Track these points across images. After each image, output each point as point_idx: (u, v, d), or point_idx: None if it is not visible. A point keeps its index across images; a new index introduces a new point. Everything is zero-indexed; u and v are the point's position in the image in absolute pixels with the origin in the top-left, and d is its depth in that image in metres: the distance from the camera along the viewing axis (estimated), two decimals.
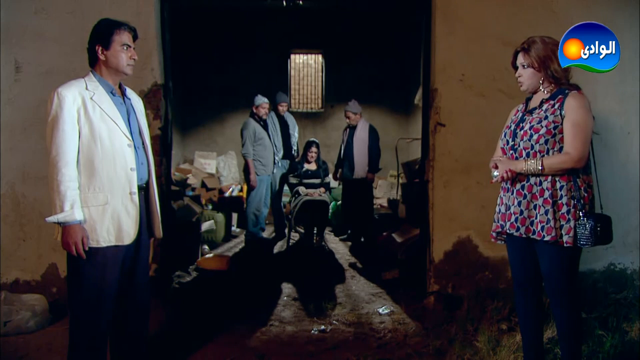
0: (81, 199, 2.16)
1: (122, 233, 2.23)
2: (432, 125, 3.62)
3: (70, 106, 2.17)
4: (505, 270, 3.53)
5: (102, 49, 2.28)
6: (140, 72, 3.49)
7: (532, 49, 2.23)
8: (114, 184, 2.22)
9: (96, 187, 2.19)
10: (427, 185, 3.69)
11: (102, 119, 2.21)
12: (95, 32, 2.31)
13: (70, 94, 2.18)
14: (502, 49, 3.31)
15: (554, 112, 2.19)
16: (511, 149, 2.31)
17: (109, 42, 2.27)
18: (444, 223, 3.61)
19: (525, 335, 2.43)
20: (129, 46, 2.32)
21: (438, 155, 3.60)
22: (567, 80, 2.24)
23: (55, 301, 3.45)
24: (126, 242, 2.25)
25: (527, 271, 2.35)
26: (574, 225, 2.12)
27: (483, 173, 3.32)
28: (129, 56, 2.32)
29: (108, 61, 2.29)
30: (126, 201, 2.25)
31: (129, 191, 2.26)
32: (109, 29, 2.29)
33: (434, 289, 3.64)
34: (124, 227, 2.24)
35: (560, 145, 2.18)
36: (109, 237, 2.20)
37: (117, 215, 2.22)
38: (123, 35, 2.30)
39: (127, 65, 2.32)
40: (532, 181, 2.21)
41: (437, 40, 3.57)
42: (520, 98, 2.49)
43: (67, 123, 2.17)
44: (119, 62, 2.29)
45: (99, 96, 2.24)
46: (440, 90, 3.58)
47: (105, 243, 2.20)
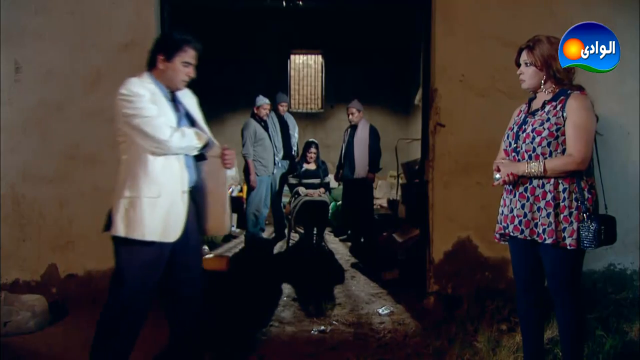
0: (136, 188, 2.17)
1: (168, 230, 2.23)
2: (432, 125, 3.61)
3: (144, 93, 2.19)
4: (505, 270, 3.52)
5: (163, 59, 2.28)
6: (140, 72, 3.47)
7: (536, 48, 2.20)
8: (169, 180, 2.23)
9: (152, 180, 2.19)
10: (427, 185, 3.68)
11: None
12: (163, 41, 2.33)
13: (140, 86, 2.20)
14: (502, 49, 3.30)
15: (556, 113, 2.16)
16: (513, 151, 2.29)
17: (172, 55, 2.28)
18: (443, 223, 3.61)
19: (525, 335, 2.41)
20: (190, 64, 2.32)
21: (438, 156, 3.59)
22: (570, 81, 2.22)
23: (55, 301, 3.44)
24: (170, 239, 2.24)
25: (530, 272, 2.33)
26: (576, 227, 2.10)
27: (483, 173, 3.30)
28: (186, 73, 2.32)
29: (165, 72, 2.29)
30: (177, 199, 2.25)
31: (180, 189, 2.27)
32: (177, 44, 2.28)
33: (433, 289, 3.63)
34: (170, 224, 2.23)
35: (563, 147, 2.15)
36: (154, 232, 2.19)
37: (167, 211, 2.22)
38: (188, 53, 2.30)
39: (182, 81, 2.33)
40: (535, 183, 2.19)
41: (437, 40, 3.56)
42: (521, 98, 2.47)
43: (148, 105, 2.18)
44: (174, 77, 2.30)
45: (156, 97, 2.25)
46: (440, 90, 3.57)
47: (150, 237, 2.18)
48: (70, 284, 3.59)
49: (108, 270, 3.55)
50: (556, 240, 2.11)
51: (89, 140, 3.54)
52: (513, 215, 2.28)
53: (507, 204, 2.33)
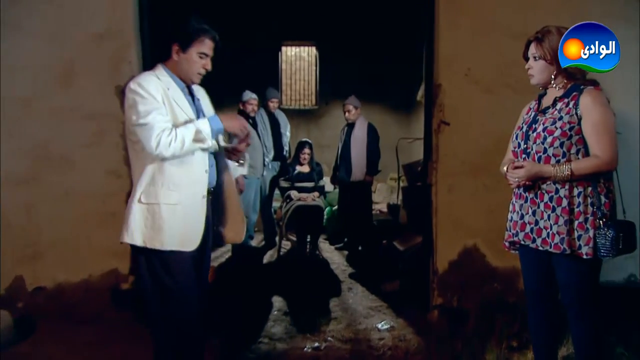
0: (153, 194, 2.19)
1: (188, 238, 2.26)
2: (436, 123, 3.61)
3: (155, 92, 2.18)
4: (516, 281, 3.52)
5: (178, 49, 2.28)
6: (117, 65, 3.48)
7: (545, 40, 2.21)
8: (188, 185, 2.25)
9: (170, 184, 2.21)
10: (430, 189, 3.69)
11: (179, 116, 2.24)
12: (178, 30, 2.30)
13: (152, 83, 2.20)
14: (511, 41, 3.30)
15: (569, 111, 2.17)
16: (523, 152, 2.29)
17: (188, 46, 2.28)
18: (448, 230, 3.61)
19: (537, 352, 2.42)
20: (206, 55, 2.32)
21: (442, 157, 3.60)
22: (582, 75, 2.21)
23: (21, 317, 3.41)
24: (190, 248, 2.26)
25: (542, 284, 2.34)
26: (593, 235, 2.10)
27: (491, 176, 3.31)
28: (202, 65, 2.33)
29: (179, 63, 2.30)
30: (197, 204, 2.28)
31: (201, 194, 2.29)
32: (194, 32, 2.27)
33: (437, 302, 3.63)
34: (190, 231, 2.26)
35: (578, 147, 2.16)
36: (173, 240, 2.21)
37: (187, 218, 2.24)
38: (205, 44, 2.30)
39: (197, 74, 2.34)
40: (547, 188, 2.20)
41: (441, 31, 3.57)
42: (531, 94, 2.48)
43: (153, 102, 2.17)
44: (190, 69, 2.31)
45: (174, 91, 2.26)
46: (444, 86, 3.58)
47: (169, 247, 2.21)
48: (38, 298, 3.56)
49: (81, 282, 3.54)
50: (570, 249, 2.12)
51: (60, 140, 3.53)
52: (524, 222, 2.28)
53: (516, 209, 2.33)
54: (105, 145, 3.52)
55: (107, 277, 3.58)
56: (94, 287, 3.57)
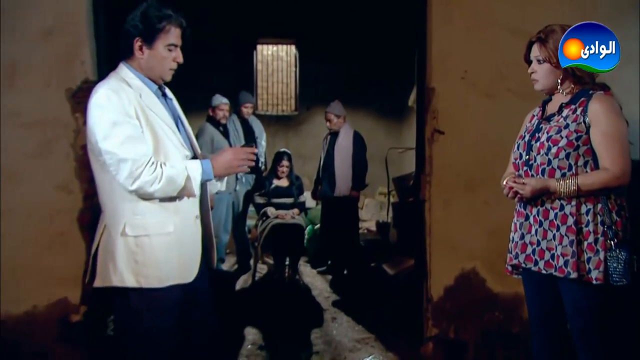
0: (141, 225, 2.07)
1: (186, 268, 2.17)
2: (429, 132, 3.61)
3: (127, 106, 2.03)
4: (520, 309, 3.51)
5: (142, 45, 2.13)
6: (68, 65, 3.42)
7: (550, 40, 2.21)
8: (179, 207, 2.14)
9: (159, 210, 2.09)
10: (423, 205, 3.68)
11: (157, 126, 2.11)
12: (138, 20, 2.12)
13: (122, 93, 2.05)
14: (513, 40, 3.32)
15: (576, 119, 2.17)
16: (525, 164, 2.29)
17: (154, 39, 2.12)
18: (444, 252, 3.60)
19: None
20: (175, 46, 2.18)
21: (436, 169, 3.59)
22: (592, 79, 2.22)
23: None
24: (189, 279, 2.18)
25: (548, 313, 2.33)
26: (604, 257, 2.09)
27: (491, 190, 3.30)
28: (173, 58, 2.19)
29: (147, 61, 2.15)
30: (191, 227, 2.19)
31: (193, 215, 2.20)
32: (157, 21, 2.11)
33: (432, 333, 3.61)
34: (188, 260, 2.18)
35: (585, 159, 2.16)
36: (171, 274, 2.11)
37: (182, 245, 2.15)
38: (171, 33, 2.14)
39: (169, 70, 2.21)
40: (551, 205, 2.19)
41: (434, 28, 3.58)
42: (535, 100, 2.48)
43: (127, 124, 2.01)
44: (159, 66, 2.17)
45: (147, 97, 2.13)
46: (438, 89, 3.58)
47: (168, 282, 2.10)
48: None
49: (24, 314, 3.45)
50: (578, 273, 2.10)
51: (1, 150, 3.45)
52: (524, 242, 2.28)
53: (517, 228, 2.33)
54: (53, 156, 3.44)
55: (55, 308, 3.47)
56: (39, 320, 3.46)
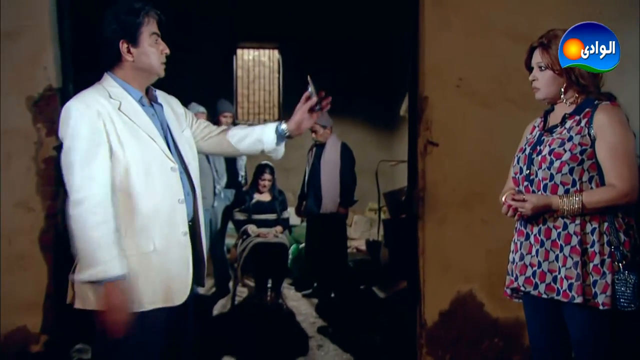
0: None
1: (173, 290, 2.15)
2: (422, 143, 3.63)
3: (94, 122, 2.04)
4: (521, 335, 3.53)
5: (129, 46, 2.14)
6: (29, 70, 3.42)
7: (552, 46, 2.22)
8: (160, 224, 2.12)
9: (136, 229, 2.08)
10: (416, 222, 3.69)
11: (136, 137, 2.11)
12: (117, 21, 2.14)
13: (92, 106, 2.06)
14: (512, 46, 3.36)
15: (581, 131, 2.18)
16: (525, 179, 2.29)
17: (138, 35, 2.14)
18: (438, 273, 3.61)
19: None
20: (158, 36, 2.21)
21: (430, 184, 3.61)
22: (597, 88, 2.23)
23: None
24: (176, 302, 2.17)
25: (551, 339, 2.33)
26: (611, 280, 2.09)
27: (489, 207, 3.32)
28: (161, 50, 2.21)
29: (137, 62, 2.17)
30: (175, 245, 2.16)
31: (179, 231, 2.18)
32: (136, 16, 2.14)
33: None
34: (174, 281, 2.16)
35: (590, 174, 2.17)
36: (154, 297, 2.10)
37: (166, 265, 2.13)
38: (151, 23, 2.18)
39: (161, 64, 2.23)
40: (554, 223, 2.20)
41: (427, 33, 3.61)
42: (536, 110, 2.50)
43: (93, 144, 2.03)
44: (151, 61, 2.18)
45: (128, 106, 2.14)
46: (432, 98, 3.60)
47: (150, 305, 2.09)
48: None
49: None
50: (583, 297, 2.11)
51: None
52: (524, 263, 2.28)
53: (517, 248, 2.33)
54: (12, 170, 3.43)
55: (13, 338, 3.46)
56: None
